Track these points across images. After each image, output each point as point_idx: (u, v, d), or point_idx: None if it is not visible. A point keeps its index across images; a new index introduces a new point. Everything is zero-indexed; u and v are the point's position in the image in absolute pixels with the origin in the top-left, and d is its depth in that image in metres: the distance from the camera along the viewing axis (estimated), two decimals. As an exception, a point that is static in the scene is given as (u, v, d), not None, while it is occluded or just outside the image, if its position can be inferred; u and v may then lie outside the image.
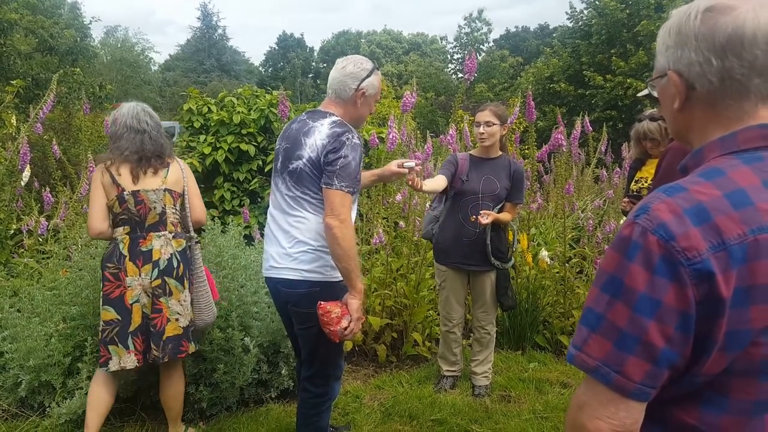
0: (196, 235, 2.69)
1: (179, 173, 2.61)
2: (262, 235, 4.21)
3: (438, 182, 3.11)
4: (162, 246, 2.52)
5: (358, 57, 2.28)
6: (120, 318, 2.46)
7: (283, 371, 3.14)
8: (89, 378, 2.76)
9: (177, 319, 2.53)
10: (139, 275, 2.47)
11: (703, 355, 0.78)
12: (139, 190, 2.49)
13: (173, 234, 2.57)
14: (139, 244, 2.50)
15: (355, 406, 3.20)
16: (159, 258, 2.50)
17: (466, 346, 3.84)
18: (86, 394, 2.76)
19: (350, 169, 2.05)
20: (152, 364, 2.57)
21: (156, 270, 2.50)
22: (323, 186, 2.08)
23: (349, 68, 2.21)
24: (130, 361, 2.46)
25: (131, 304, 2.47)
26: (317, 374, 2.34)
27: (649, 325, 0.77)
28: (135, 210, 2.48)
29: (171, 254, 2.54)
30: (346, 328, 2.12)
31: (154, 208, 2.51)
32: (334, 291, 2.19)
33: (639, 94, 2.28)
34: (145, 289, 2.49)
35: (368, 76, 2.21)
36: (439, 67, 39.08)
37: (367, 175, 2.57)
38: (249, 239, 4.22)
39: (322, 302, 2.13)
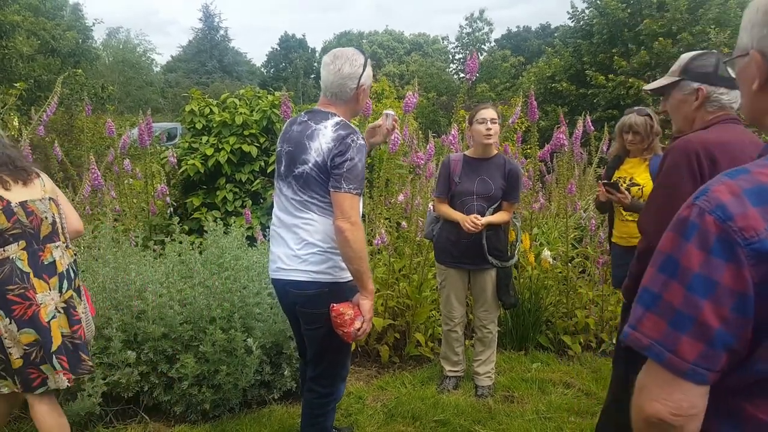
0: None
1: (50, 181, 2.43)
2: (264, 236, 4.21)
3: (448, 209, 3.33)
4: (60, 257, 2.33)
5: (348, 53, 2.21)
6: (40, 337, 2.21)
7: (285, 372, 3.13)
8: (92, 380, 2.77)
9: None
10: (50, 290, 2.26)
11: (765, 339, 0.77)
12: (26, 201, 2.25)
13: (65, 244, 2.39)
14: (39, 258, 2.26)
15: (358, 407, 3.20)
16: (63, 269, 2.32)
17: (468, 347, 3.84)
18: (89, 396, 2.77)
19: (357, 171, 2.06)
20: (88, 374, 2.41)
21: (64, 281, 2.32)
22: (331, 189, 2.08)
23: (345, 69, 2.17)
24: (62, 381, 2.25)
25: (48, 322, 2.23)
26: (324, 374, 2.34)
27: (703, 305, 0.77)
28: (27, 222, 2.24)
29: (68, 264, 2.37)
30: (359, 329, 2.14)
31: (46, 218, 2.30)
32: (342, 292, 2.19)
33: (645, 87, 2.24)
34: (57, 304, 2.29)
35: (364, 70, 2.20)
36: (440, 67, 39.08)
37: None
38: (251, 240, 4.22)
39: (334, 304, 2.14)
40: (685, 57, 1.95)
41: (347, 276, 2.18)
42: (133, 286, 3.02)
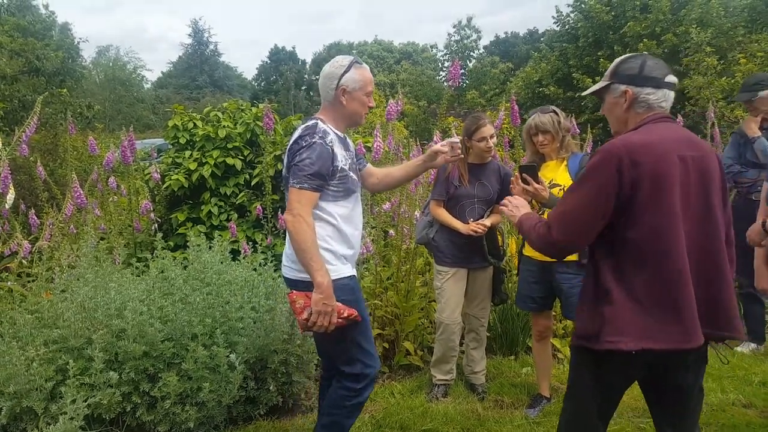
0: None
1: None
2: (250, 250, 4.19)
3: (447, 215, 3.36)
4: None
5: (337, 57, 2.34)
6: None
7: (271, 387, 3.10)
8: (73, 402, 2.72)
9: None
10: None
11: None
12: None
13: None
14: None
15: (345, 420, 3.15)
16: None
17: (459, 353, 3.81)
18: (71, 419, 2.72)
19: (304, 166, 2.16)
20: None
21: None
22: (289, 184, 2.23)
23: (326, 69, 2.30)
24: None
25: None
26: (342, 374, 2.38)
27: None
28: None
29: None
30: (307, 320, 2.17)
31: None
32: (309, 289, 2.22)
33: (584, 93, 2.27)
34: None
35: (346, 71, 2.27)
36: (430, 75, 39.22)
37: (411, 165, 2.63)
38: (237, 254, 4.19)
39: (294, 291, 2.26)
40: (616, 61, 1.99)
41: (337, 273, 2.25)
42: (113, 304, 2.98)
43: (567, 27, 17.67)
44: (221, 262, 3.41)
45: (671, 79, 1.91)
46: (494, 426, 3.07)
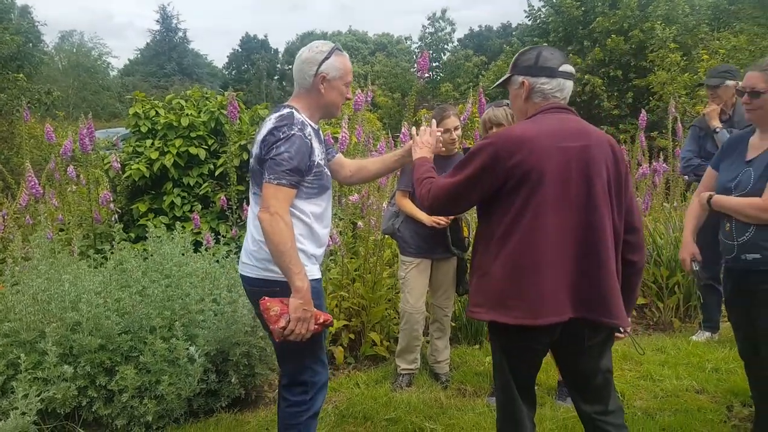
0: None
1: None
2: (213, 241, 4.12)
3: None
4: None
5: (315, 42, 2.18)
6: None
7: (233, 379, 3.06)
8: (25, 397, 2.64)
9: None
10: None
11: None
12: None
13: None
14: None
15: (308, 411, 3.14)
16: None
17: (424, 343, 3.83)
18: (23, 414, 2.64)
19: (281, 160, 1.99)
20: None
21: None
22: (262, 180, 2.05)
23: (304, 54, 2.13)
24: None
25: None
26: (293, 381, 2.23)
27: None
28: None
29: None
30: (284, 328, 1.99)
31: None
32: (282, 290, 2.05)
33: (493, 86, 2.36)
34: None
35: (327, 58, 2.12)
36: (405, 67, 39.13)
37: (388, 159, 2.51)
38: (200, 246, 4.12)
39: (266, 298, 2.06)
40: (517, 54, 2.06)
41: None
42: (67, 296, 2.90)
43: (538, 21, 17.84)
44: (182, 254, 3.35)
45: (566, 68, 1.96)
46: (456, 414, 3.10)
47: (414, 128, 2.40)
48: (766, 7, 12.65)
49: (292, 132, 2.03)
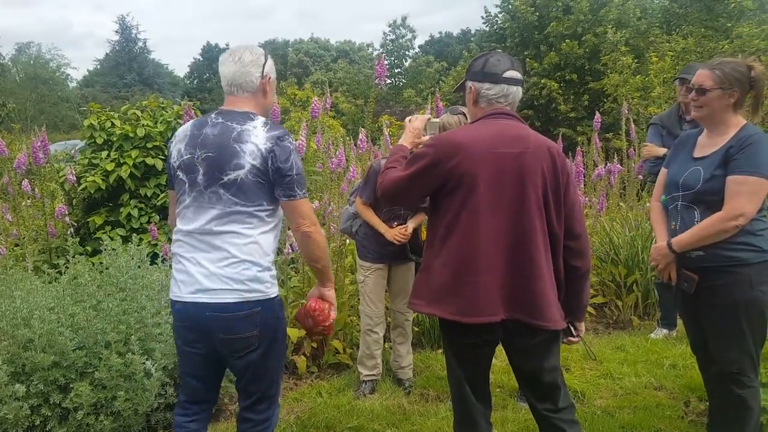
0: None
1: None
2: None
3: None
4: None
5: (246, 45, 2.14)
6: None
7: (192, 392, 3.02)
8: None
9: None
10: None
11: None
12: None
13: None
14: None
15: (270, 421, 3.12)
16: None
17: (387, 348, 3.85)
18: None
19: (302, 173, 2.04)
20: None
21: None
22: (285, 199, 1.99)
23: (247, 57, 2.07)
24: None
25: None
26: (259, 399, 2.15)
27: None
28: None
29: None
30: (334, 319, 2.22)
31: None
32: (272, 308, 2.05)
33: (453, 91, 2.43)
34: None
35: (267, 60, 2.12)
36: (367, 74, 39.25)
37: None
38: (156, 257, 4.06)
39: (311, 302, 2.20)
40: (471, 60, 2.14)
41: (275, 291, 2.06)
42: (18, 313, 2.82)
43: (495, 27, 18.15)
44: (138, 266, 3.29)
45: (511, 74, 2.00)
46: (419, 419, 3.13)
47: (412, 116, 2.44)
48: (712, 11, 13.21)
49: (294, 142, 2.11)
